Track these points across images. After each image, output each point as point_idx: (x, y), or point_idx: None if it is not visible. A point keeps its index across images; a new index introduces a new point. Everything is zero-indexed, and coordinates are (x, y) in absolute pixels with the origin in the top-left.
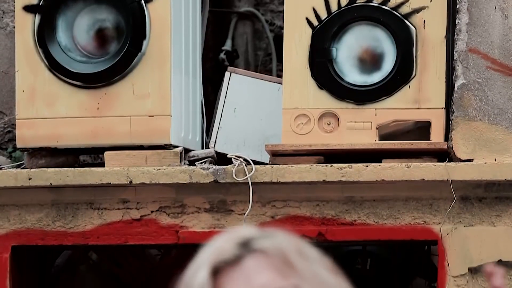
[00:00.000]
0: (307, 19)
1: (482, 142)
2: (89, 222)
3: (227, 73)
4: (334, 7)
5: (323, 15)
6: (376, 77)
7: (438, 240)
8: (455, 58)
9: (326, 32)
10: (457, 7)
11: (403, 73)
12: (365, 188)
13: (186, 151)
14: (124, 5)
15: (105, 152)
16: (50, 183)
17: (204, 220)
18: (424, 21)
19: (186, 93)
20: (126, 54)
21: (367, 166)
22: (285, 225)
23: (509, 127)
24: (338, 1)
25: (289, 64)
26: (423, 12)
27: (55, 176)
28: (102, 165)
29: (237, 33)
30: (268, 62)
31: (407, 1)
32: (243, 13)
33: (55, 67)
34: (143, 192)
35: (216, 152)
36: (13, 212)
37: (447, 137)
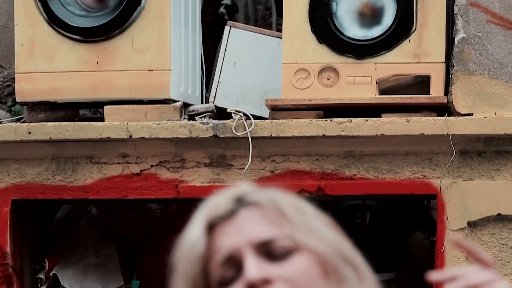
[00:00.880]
0: None
1: (482, 96)
2: (89, 176)
3: (226, 28)
4: None
5: None
6: (376, 31)
7: (438, 194)
8: (455, 12)
9: None
10: None
11: (403, 27)
12: (364, 142)
13: (186, 105)
14: None
15: (105, 107)
16: (50, 137)
17: (203, 174)
18: None
19: (186, 48)
20: (125, 8)
21: (366, 121)
22: (285, 180)
23: (509, 81)
24: None
25: (289, 18)
26: None
27: (55, 131)
28: (101, 119)
29: None
30: (268, 16)
31: None
32: None
33: (54, 20)
34: (143, 147)
35: (216, 107)
36: (13, 166)
37: (447, 91)
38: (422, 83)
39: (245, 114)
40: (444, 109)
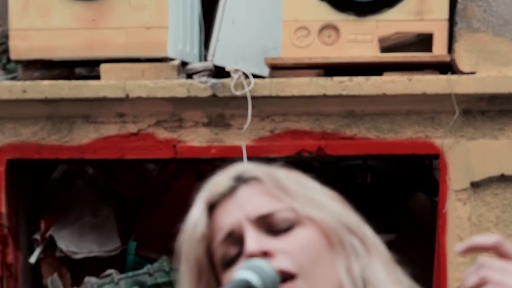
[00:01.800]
0: None
1: (486, 54)
2: (85, 136)
3: None
4: None
5: None
6: None
7: (440, 154)
8: None
9: None
10: None
11: None
12: (366, 101)
13: (184, 64)
14: None
15: (101, 65)
16: (45, 96)
17: (202, 134)
18: None
19: (184, 5)
20: None
21: (368, 79)
22: (284, 140)
23: None
24: None
25: None
26: None
27: (51, 89)
28: (97, 78)
29: None
30: None
31: None
32: None
33: None
34: (140, 106)
35: (215, 66)
36: (7, 125)
37: (450, 49)
38: (424, 41)
39: (244, 73)
40: (447, 67)
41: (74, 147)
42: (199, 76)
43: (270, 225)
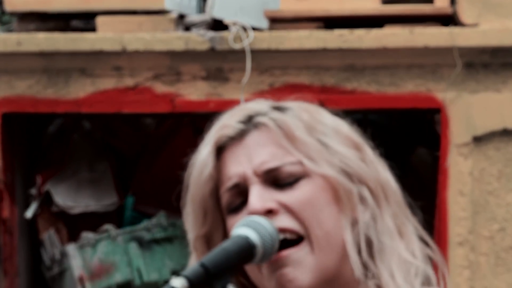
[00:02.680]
0: None
1: (489, 5)
2: (82, 89)
3: None
4: None
5: None
6: None
7: (441, 108)
8: None
9: None
10: None
11: None
12: (366, 55)
13: (182, 16)
14: None
15: (97, 17)
16: (41, 49)
17: (200, 88)
18: None
19: None
20: None
21: (368, 32)
22: (284, 94)
23: None
24: None
25: None
26: None
27: (46, 42)
28: (94, 30)
29: None
30: None
31: None
32: None
33: None
34: (137, 59)
35: (213, 18)
36: (2, 79)
37: (452, 0)
38: None
39: (243, 26)
40: (449, 19)
41: (70, 100)
42: (197, 29)
43: (276, 179)
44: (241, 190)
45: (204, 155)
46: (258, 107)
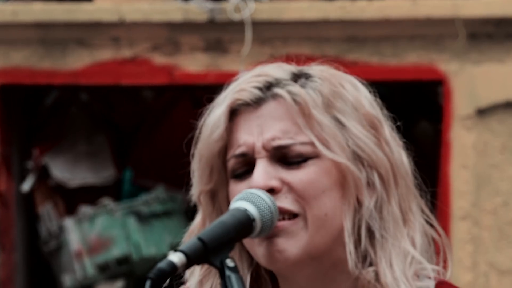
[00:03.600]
0: None
1: None
2: (79, 60)
3: None
4: None
5: None
6: None
7: (444, 80)
8: None
9: None
10: None
11: None
12: (368, 26)
13: None
14: None
15: None
16: (37, 19)
17: (199, 59)
18: None
19: None
20: None
21: (370, 3)
22: None
23: None
24: None
25: None
26: None
27: (42, 12)
28: (91, 0)
29: None
30: None
31: None
32: None
33: None
34: (135, 30)
35: None
36: None
37: None
38: None
39: None
40: None
41: (67, 72)
42: None
43: (285, 156)
44: (247, 160)
45: (217, 115)
46: (279, 74)
